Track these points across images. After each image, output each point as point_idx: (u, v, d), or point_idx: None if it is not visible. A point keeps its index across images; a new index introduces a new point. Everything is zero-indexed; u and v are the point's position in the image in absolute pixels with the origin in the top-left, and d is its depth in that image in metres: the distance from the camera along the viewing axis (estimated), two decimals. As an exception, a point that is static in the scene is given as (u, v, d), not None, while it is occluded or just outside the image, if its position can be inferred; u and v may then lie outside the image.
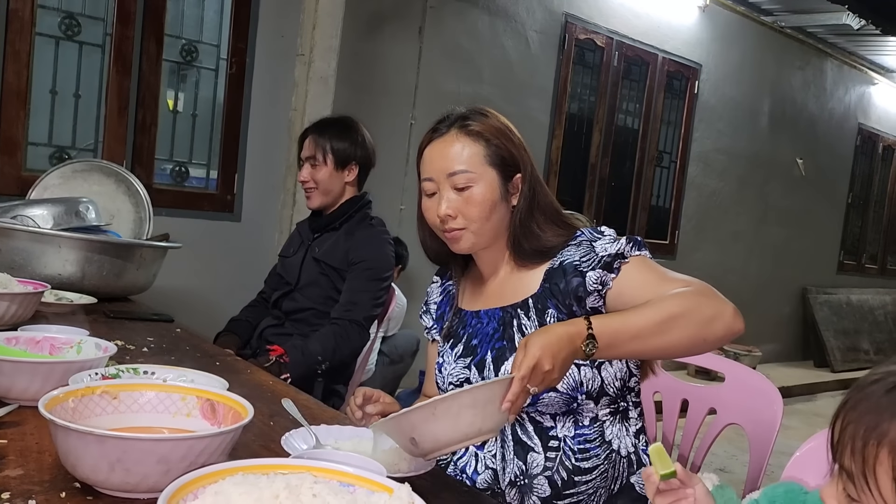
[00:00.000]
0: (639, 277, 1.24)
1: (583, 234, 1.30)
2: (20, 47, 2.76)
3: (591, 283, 1.24)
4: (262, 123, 3.39)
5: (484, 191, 1.28)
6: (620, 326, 1.11)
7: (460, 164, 1.28)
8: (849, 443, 0.73)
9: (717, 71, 5.70)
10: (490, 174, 1.29)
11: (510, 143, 1.31)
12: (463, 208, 1.28)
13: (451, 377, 1.36)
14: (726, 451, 3.96)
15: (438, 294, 1.49)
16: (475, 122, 1.30)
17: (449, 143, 1.29)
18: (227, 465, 0.76)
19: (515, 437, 1.29)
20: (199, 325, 2.20)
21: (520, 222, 1.30)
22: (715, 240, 6.01)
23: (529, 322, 1.29)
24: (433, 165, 1.30)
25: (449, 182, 1.28)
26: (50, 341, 1.24)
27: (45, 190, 2.32)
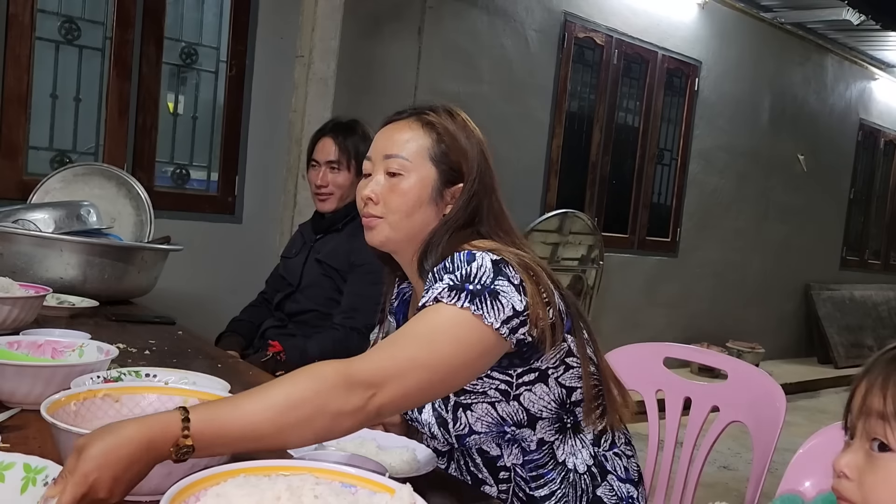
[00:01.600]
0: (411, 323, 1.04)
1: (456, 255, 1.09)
2: (20, 52, 2.77)
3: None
4: (263, 125, 3.39)
5: (413, 182, 1.17)
6: (227, 423, 0.84)
7: (399, 148, 1.18)
8: (879, 392, 0.73)
9: (716, 68, 5.70)
10: (427, 170, 1.18)
11: (460, 150, 1.19)
12: (386, 195, 1.18)
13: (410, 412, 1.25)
14: (730, 449, 3.95)
15: (395, 295, 1.40)
16: (434, 115, 1.20)
17: (399, 128, 1.21)
18: (228, 467, 0.76)
19: (468, 469, 1.22)
20: (201, 327, 2.20)
21: (435, 233, 1.17)
22: (716, 237, 6.00)
23: None
24: (375, 145, 1.23)
25: (383, 164, 1.19)
26: (52, 345, 1.25)
27: (46, 194, 2.32)
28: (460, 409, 1.16)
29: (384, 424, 1.21)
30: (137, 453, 0.77)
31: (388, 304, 1.37)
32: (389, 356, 0.98)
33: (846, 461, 0.76)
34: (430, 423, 1.18)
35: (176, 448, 0.79)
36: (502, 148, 3.80)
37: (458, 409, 1.16)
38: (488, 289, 1.04)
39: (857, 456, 0.75)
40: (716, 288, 6.00)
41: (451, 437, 1.18)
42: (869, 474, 0.74)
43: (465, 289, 1.03)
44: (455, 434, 1.17)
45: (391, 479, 0.80)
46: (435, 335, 1.01)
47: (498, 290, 1.04)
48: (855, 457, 0.75)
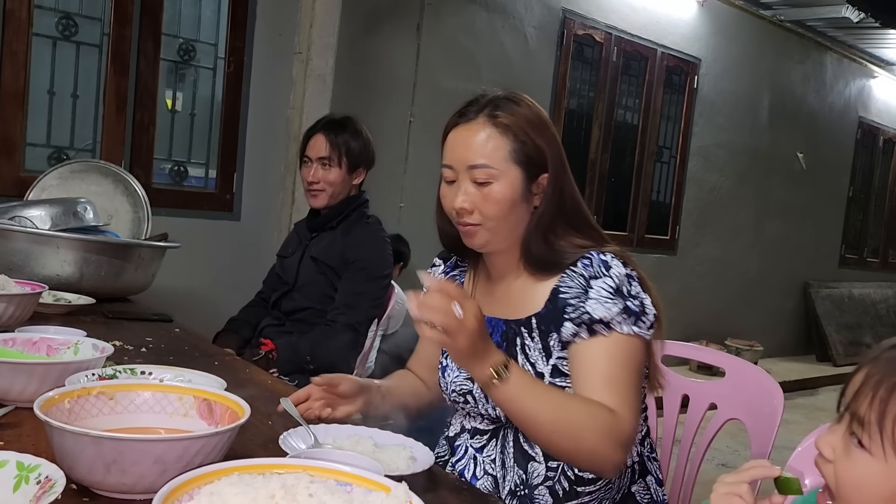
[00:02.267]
0: (601, 357, 1.15)
1: (591, 259, 1.20)
2: (17, 48, 2.76)
3: (566, 335, 1.18)
4: (261, 122, 3.38)
5: (504, 189, 1.20)
6: (528, 391, 1.08)
7: (482, 157, 1.20)
8: (870, 392, 0.74)
9: (716, 65, 5.69)
10: (513, 172, 1.20)
11: (540, 139, 1.22)
12: (480, 204, 1.21)
13: (455, 385, 1.31)
14: (728, 447, 3.95)
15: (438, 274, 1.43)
16: (505, 114, 1.21)
17: (474, 131, 1.21)
18: (222, 466, 0.76)
19: (517, 445, 1.25)
20: (198, 324, 2.20)
21: (536, 226, 1.23)
22: (716, 235, 6.00)
23: (533, 343, 1.23)
24: (455, 153, 1.23)
25: (468, 174, 1.21)
26: (47, 342, 1.24)
27: (43, 191, 2.31)
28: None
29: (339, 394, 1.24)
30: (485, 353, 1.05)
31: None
32: (631, 411, 1.13)
33: (826, 440, 0.77)
34: None
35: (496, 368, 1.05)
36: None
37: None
38: (642, 303, 1.17)
39: (836, 438, 0.77)
40: (715, 286, 5.99)
41: None
42: (844, 461, 0.76)
43: (630, 310, 1.15)
44: None
45: (387, 478, 0.80)
46: (635, 377, 1.16)
47: (644, 302, 1.18)
48: (834, 438, 0.77)
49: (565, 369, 1.21)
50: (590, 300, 1.16)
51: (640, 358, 1.17)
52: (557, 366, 1.21)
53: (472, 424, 1.32)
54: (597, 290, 1.17)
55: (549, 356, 1.22)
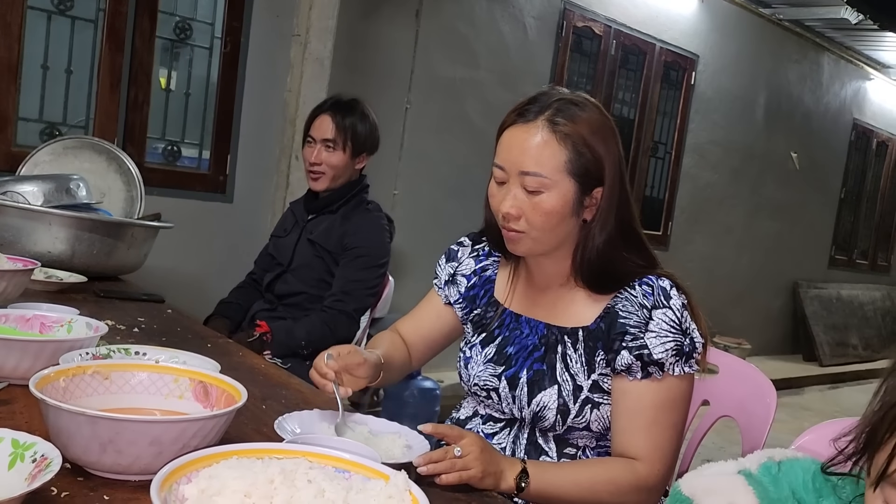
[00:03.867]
0: (648, 401, 1.15)
1: (651, 284, 1.18)
2: (11, 20, 2.71)
3: (620, 364, 1.16)
4: (256, 104, 3.35)
5: (555, 201, 1.15)
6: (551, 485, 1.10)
7: (536, 165, 1.14)
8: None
9: (714, 62, 5.69)
10: (567, 184, 1.15)
11: (600, 152, 1.16)
12: (528, 212, 1.16)
13: (479, 380, 1.28)
14: (714, 443, 3.97)
15: (470, 266, 1.38)
16: (566, 121, 1.15)
17: (531, 133, 1.15)
18: (221, 449, 0.75)
19: (531, 438, 1.25)
20: (190, 305, 2.18)
21: (591, 242, 1.19)
22: (708, 232, 6.02)
23: (576, 355, 1.21)
24: (508, 154, 1.17)
25: (519, 179, 1.16)
26: (40, 319, 1.23)
27: (35, 166, 2.28)
28: (589, 404, 1.20)
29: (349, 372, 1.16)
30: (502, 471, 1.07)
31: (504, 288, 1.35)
32: (661, 457, 1.15)
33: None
34: (546, 405, 1.19)
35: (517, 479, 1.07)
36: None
37: (586, 404, 1.20)
38: (693, 340, 1.17)
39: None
40: (705, 282, 6.01)
41: (561, 426, 1.21)
42: None
43: (683, 351, 1.15)
44: (569, 425, 1.20)
45: (385, 465, 0.79)
46: (678, 419, 1.18)
47: (694, 338, 1.17)
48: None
49: (606, 386, 1.20)
50: (649, 333, 1.15)
51: (687, 396, 1.19)
52: (598, 382, 1.20)
53: (486, 411, 1.31)
54: (657, 321, 1.15)
55: (592, 371, 1.20)
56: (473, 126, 4.16)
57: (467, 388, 1.34)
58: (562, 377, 1.21)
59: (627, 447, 1.17)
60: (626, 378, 1.16)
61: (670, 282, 1.19)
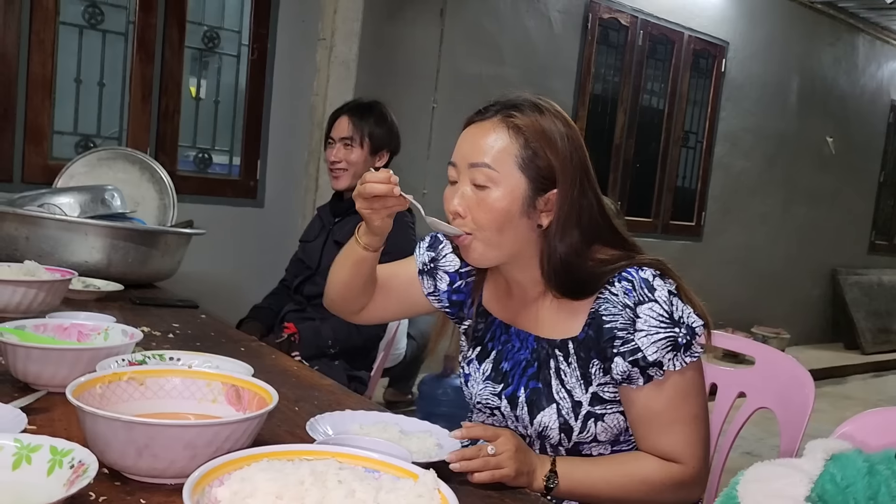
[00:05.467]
0: (658, 405, 1.11)
1: (631, 280, 1.10)
2: (45, 37, 2.78)
3: (617, 372, 1.11)
4: (284, 109, 3.38)
5: (501, 197, 1.09)
6: (581, 482, 1.09)
7: (484, 155, 1.10)
8: None
9: (744, 49, 5.59)
10: (516, 180, 1.09)
11: (554, 153, 1.10)
12: (474, 209, 1.11)
13: (480, 398, 1.24)
14: (754, 435, 3.92)
15: (454, 264, 1.32)
16: (521, 115, 1.11)
17: (485, 130, 1.12)
18: (252, 451, 0.76)
19: (542, 449, 1.20)
20: (223, 310, 2.22)
21: (552, 251, 1.12)
22: (742, 221, 5.92)
23: (569, 369, 1.16)
24: (460, 150, 1.15)
25: (468, 174, 1.12)
26: (78, 328, 1.25)
27: (71, 178, 2.34)
28: (592, 418, 1.15)
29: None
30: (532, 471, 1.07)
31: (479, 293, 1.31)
32: (691, 453, 1.12)
33: None
34: (548, 425, 1.16)
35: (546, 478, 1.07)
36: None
37: (589, 419, 1.15)
38: (691, 329, 1.10)
39: None
40: (741, 272, 5.93)
41: (568, 443, 1.17)
42: None
43: (679, 344, 1.09)
44: (575, 441, 1.17)
45: (414, 465, 0.80)
46: (695, 408, 1.13)
47: (692, 326, 1.10)
48: None
49: (607, 396, 1.15)
50: (639, 333, 1.09)
51: (698, 384, 1.14)
52: (598, 393, 1.15)
53: (491, 422, 1.27)
54: (645, 318, 1.09)
55: (589, 384, 1.15)
56: (500, 123, 4.15)
57: (472, 405, 1.30)
58: (558, 395, 1.15)
59: (655, 452, 1.13)
60: (630, 387, 1.12)
61: (652, 270, 1.11)
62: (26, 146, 2.78)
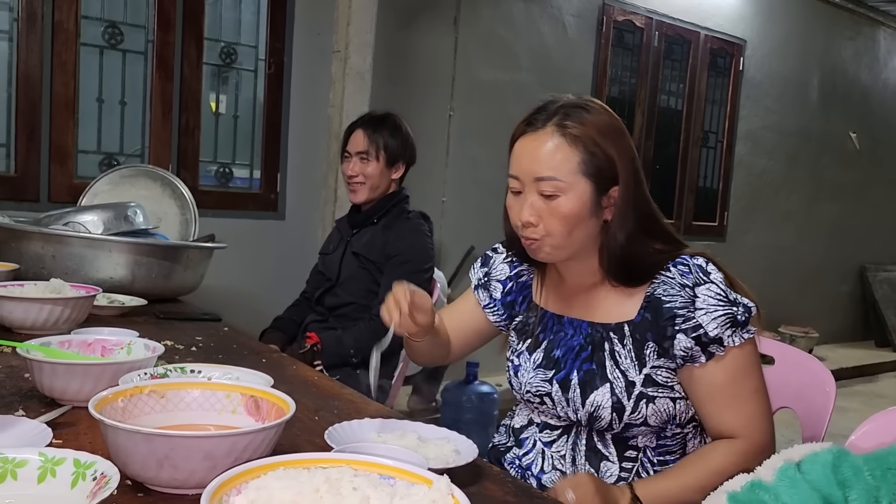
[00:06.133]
0: (720, 380, 1.16)
1: (686, 263, 1.17)
2: (66, 58, 2.84)
3: (679, 349, 1.16)
4: (302, 121, 3.42)
5: (572, 203, 1.16)
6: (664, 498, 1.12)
7: (550, 169, 1.15)
8: None
9: (762, 46, 5.54)
10: (582, 185, 1.16)
11: (612, 149, 1.17)
12: (546, 217, 1.17)
13: (531, 387, 1.28)
14: (783, 436, 3.86)
15: (504, 272, 1.40)
16: (575, 124, 1.16)
17: (542, 140, 1.17)
18: (269, 460, 0.77)
19: (590, 443, 1.24)
20: (246, 322, 2.24)
21: (613, 242, 1.19)
22: (766, 220, 5.86)
23: (624, 350, 1.20)
24: (521, 164, 1.19)
25: (535, 186, 1.17)
26: (101, 343, 1.28)
27: (95, 196, 2.38)
28: (644, 399, 1.19)
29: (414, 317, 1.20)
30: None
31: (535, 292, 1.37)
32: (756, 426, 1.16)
33: None
34: (600, 405, 1.19)
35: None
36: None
37: (641, 400, 1.19)
38: (745, 307, 1.16)
39: None
40: (766, 272, 5.85)
41: (618, 424, 1.20)
42: None
43: (737, 321, 1.14)
44: (626, 422, 1.19)
45: (429, 471, 0.80)
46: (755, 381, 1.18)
47: (746, 305, 1.16)
48: None
49: (660, 379, 1.19)
50: (699, 310, 1.15)
51: (755, 359, 1.18)
52: (651, 375, 1.19)
53: (542, 419, 1.30)
54: (703, 298, 1.15)
55: (643, 365, 1.19)
56: (517, 128, 4.16)
57: (520, 397, 1.33)
58: (612, 375, 1.20)
59: (721, 428, 1.17)
60: (692, 366, 1.16)
61: (704, 259, 1.19)
62: (52, 166, 2.84)
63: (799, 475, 0.72)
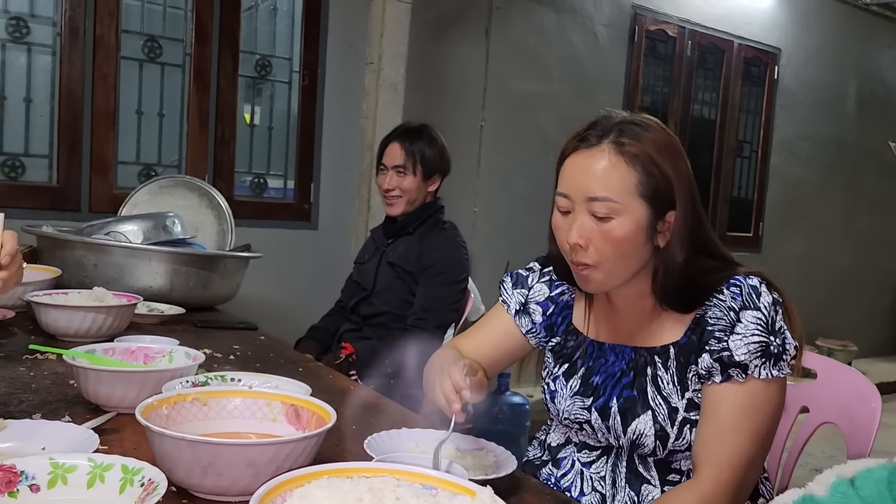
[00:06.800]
0: (726, 404, 1.09)
1: (740, 286, 1.11)
2: (107, 71, 2.91)
3: (701, 368, 1.11)
4: (335, 132, 3.45)
5: (627, 227, 1.09)
6: None
7: (604, 189, 1.08)
8: None
9: (797, 55, 5.47)
10: (638, 208, 1.09)
11: (670, 170, 1.10)
12: (597, 241, 1.10)
13: (569, 413, 1.24)
14: (823, 452, 3.78)
15: (543, 293, 1.33)
16: (632, 141, 1.09)
17: (597, 158, 1.10)
18: (312, 469, 0.78)
19: (630, 465, 1.20)
20: (280, 331, 2.26)
21: (669, 268, 1.12)
22: (802, 230, 5.76)
23: (667, 375, 1.16)
24: (572, 182, 1.12)
25: (587, 206, 1.10)
26: (144, 351, 1.30)
27: (134, 206, 2.43)
28: (687, 425, 1.14)
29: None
30: None
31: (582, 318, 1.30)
32: (733, 465, 1.07)
33: None
34: (643, 433, 1.15)
35: None
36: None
37: (685, 426, 1.14)
38: (784, 341, 1.09)
39: None
40: (803, 283, 5.75)
41: (662, 452, 1.16)
42: None
43: (770, 353, 1.08)
44: (670, 448, 1.15)
45: (471, 482, 0.80)
46: (760, 425, 1.09)
47: (785, 339, 1.09)
48: None
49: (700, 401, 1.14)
50: (735, 336, 1.09)
51: (774, 402, 1.10)
52: (693, 399, 1.14)
53: (580, 438, 1.26)
54: (745, 323, 1.09)
55: (686, 389, 1.15)
56: (549, 139, 4.15)
57: (557, 420, 1.29)
58: (654, 402, 1.15)
59: (699, 453, 1.10)
60: (706, 384, 1.11)
61: (759, 279, 1.13)
62: (92, 176, 2.90)
63: (852, 490, 0.70)
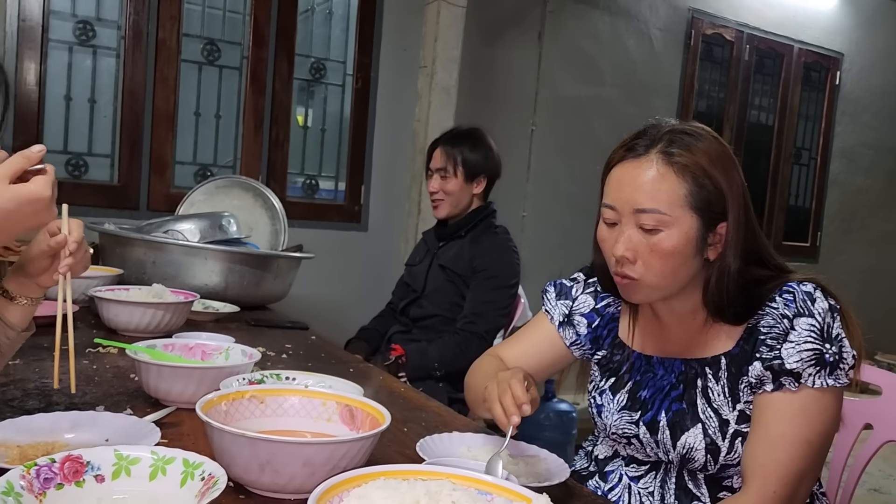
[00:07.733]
0: (776, 412, 1.04)
1: (793, 293, 1.07)
2: (168, 73, 2.98)
3: (752, 376, 1.07)
4: (387, 135, 3.48)
5: (676, 240, 1.05)
6: None
7: (653, 200, 1.05)
8: None
9: (861, 60, 5.31)
10: (688, 220, 1.05)
11: (722, 181, 1.06)
12: (645, 254, 1.07)
13: (616, 428, 1.21)
14: (882, 471, 3.66)
15: (588, 304, 1.31)
16: (682, 151, 1.05)
17: (644, 168, 1.06)
18: (369, 470, 0.78)
19: (679, 482, 1.16)
20: (330, 331, 2.28)
21: (720, 281, 1.08)
22: (863, 241, 5.58)
23: (717, 386, 1.12)
24: (620, 192, 1.08)
25: (634, 218, 1.07)
26: (201, 347, 1.33)
27: (191, 206, 2.48)
28: (739, 438, 1.11)
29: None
30: None
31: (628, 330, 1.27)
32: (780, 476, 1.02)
33: None
34: (693, 447, 1.12)
35: None
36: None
37: (736, 438, 1.11)
38: (840, 349, 1.04)
39: None
40: (862, 295, 5.56)
41: (714, 466, 1.12)
42: None
43: (825, 361, 1.03)
44: (722, 462, 1.12)
45: (527, 488, 0.79)
46: (813, 436, 1.04)
47: (842, 347, 1.05)
48: None
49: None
50: (787, 343, 1.05)
51: (829, 413, 1.05)
52: (745, 411, 1.10)
53: (628, 452, 1.23)
54: (799, 331, 1.05)
55: (737, 401, 1.11)
56: (601, 144, 4.10)
57: (605, 434, 1.26)
58: (704, 415, 1.12)
59: (748, 463, 1.05)
60: (757, 393, 1.07)
61: (814, 285, 1.08)
62: (151, 176, 2.98)
63: None
